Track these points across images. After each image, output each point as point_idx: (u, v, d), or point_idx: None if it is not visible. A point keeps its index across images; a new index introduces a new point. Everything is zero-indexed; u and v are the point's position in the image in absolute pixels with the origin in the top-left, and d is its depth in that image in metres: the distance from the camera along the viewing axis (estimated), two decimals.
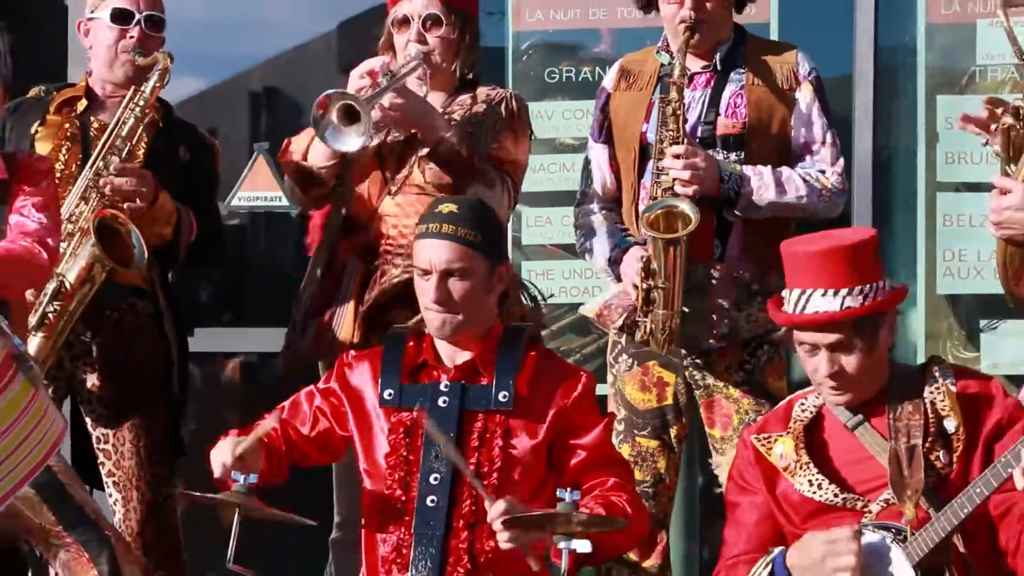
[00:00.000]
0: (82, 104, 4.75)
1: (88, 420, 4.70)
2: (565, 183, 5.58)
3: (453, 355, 3.81)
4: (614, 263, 4.41)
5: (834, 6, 5.57)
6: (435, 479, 3.68)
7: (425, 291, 3.76)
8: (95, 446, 4.69)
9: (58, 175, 4.55)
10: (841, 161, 4.41)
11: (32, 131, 4.71)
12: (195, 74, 4.71)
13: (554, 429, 3.75)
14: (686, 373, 4.35)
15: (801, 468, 3.59)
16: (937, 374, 3.64)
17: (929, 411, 3.57)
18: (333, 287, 4.49)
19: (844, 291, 3.55)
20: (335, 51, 6.51)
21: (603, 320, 4.41)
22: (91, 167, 4.57)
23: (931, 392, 3.60)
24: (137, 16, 4.66)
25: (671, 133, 4.21)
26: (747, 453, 3.71)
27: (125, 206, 4.49)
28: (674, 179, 4.17)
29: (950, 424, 3.55)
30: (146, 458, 4.61)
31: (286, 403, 3.93)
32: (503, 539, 3.43)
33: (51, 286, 4.47)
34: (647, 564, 4.37)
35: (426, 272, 3.75)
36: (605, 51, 6.05)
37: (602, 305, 4.40)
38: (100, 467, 4.69)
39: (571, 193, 5.37)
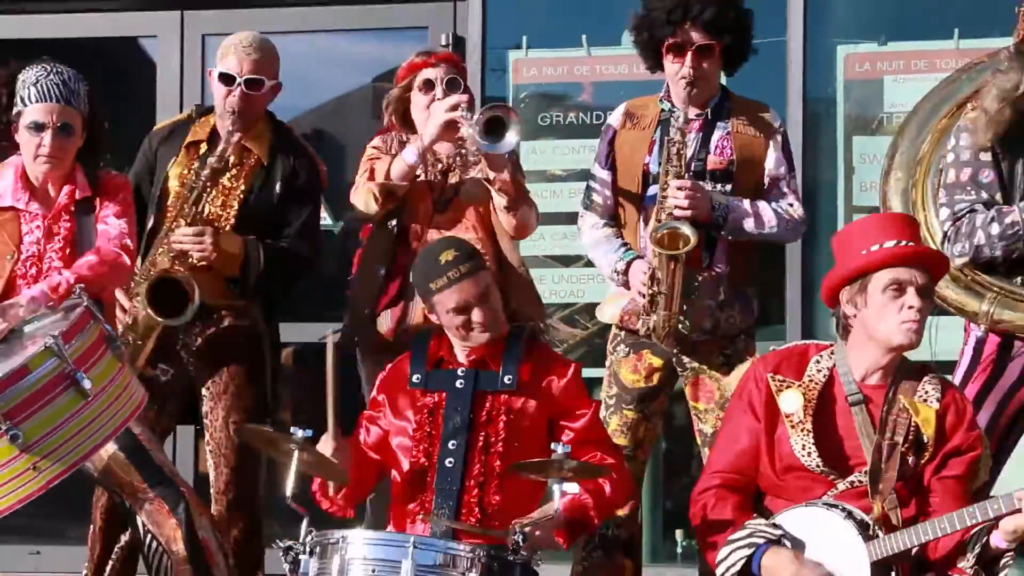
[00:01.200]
0: (204, 147, 4.53)
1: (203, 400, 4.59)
2: (556, 206, 5.49)
3: (466, 352, 3.73)
4: (621, 274, 4.28)
5: (771, 64, 5.48)
6: (452, 446, 3.61)
7: (470, 323, 3.68)
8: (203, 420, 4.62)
9: (168, 212, 4.45)
10: (800, 197, 4.37)
11: (170, 167, 4.53)
12: None
13: (549, 407, 3.70)
14: (674, 359, 4.25)
15: (802, 429, 3.42)
16: (929, 388, 3.45)
17: (915, 413, 3.40)
18: (400, 285, 4.33)
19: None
20: (370, 102, 6.34)
21: (626, 323, 4.27)
22: (167, 227, 4.42)
23: (921, 395, 3.42)
24: (240, 78, 4.47)
25: (675, 168, 4.14)
26: (761, 387, 3.52)
27: (193, 256, 4.32)
28: (675, 205, 4.10)
29: (925, 435, 3.38)
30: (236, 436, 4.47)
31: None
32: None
33: (128, 319, 4.33)
34: (620, 512, 4.15)
35: (464, 310, 3.67)
36: (587, 100, 6.01)
37: (623, 311, 4.25)
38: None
39: (561, 214, 5.36)
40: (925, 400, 3.42)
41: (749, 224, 4.22)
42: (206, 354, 4.53)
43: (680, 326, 4.16)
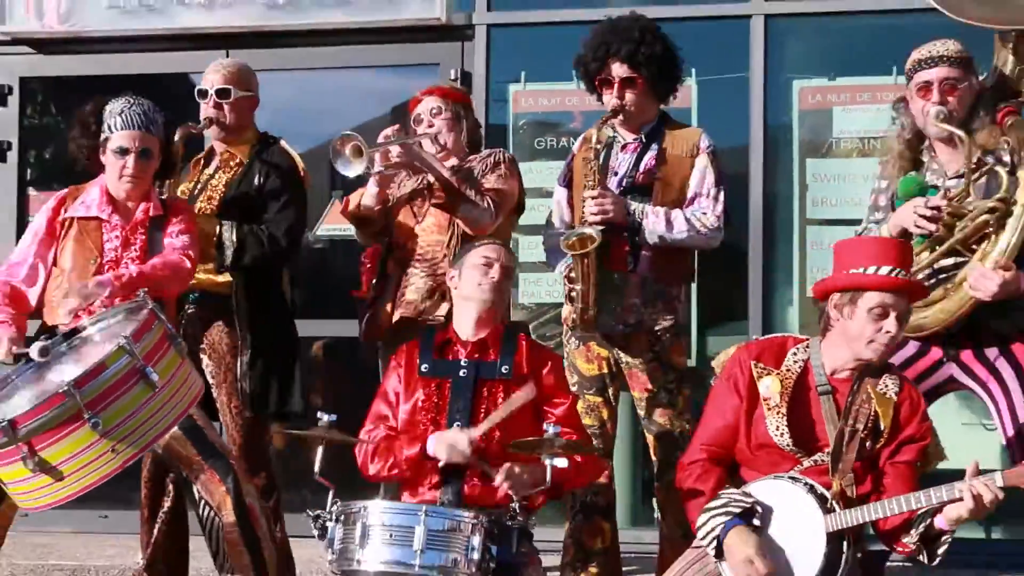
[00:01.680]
0: (202, 162, 4.71)
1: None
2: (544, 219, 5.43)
3: (469, 334, 3.79)
4: (565, 277, 4.36)
5: (735, 96, 5.52)
6: (458, 425, 3.64)
7: (487, 275, 3.79)
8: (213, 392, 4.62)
9: None
10: (719, 208, 4.30)
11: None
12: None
13: (539, 394, 3.71)
14: (612, 356, 4.31)
15: (777, 412, 3.42)
16: (889, 382, 3.45)
17: (875, 404, 3.41)
18: (381, 290, 4.47)
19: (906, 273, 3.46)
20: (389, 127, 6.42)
21: (565, 320, 4.38)
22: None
23: (880, 390, 3.42)
24: (211, 91, 4.61)
25: (589, 182, 4.21)
26: (745, 371, 3.51)
27: None
28: (589, 212, 4.17)
29: (882, 423, 3.39)
30: (237, 415, 4.54)
31: (381, 421, 3.83)
32: (506, 488, 3.49)
33: None
34: (600, 481, 4.25)
35: (488, 265, 3.79)
36: (577, 127, 5.95)
37: (568, 310, 4.32)
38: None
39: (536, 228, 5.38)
40: (885, 393, 3.42)
41: (661, 228, 4.20)
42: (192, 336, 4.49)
43: (601, 317, 4.16)
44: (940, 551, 3.32)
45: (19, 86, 6.47)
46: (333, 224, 6.21)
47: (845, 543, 3.30)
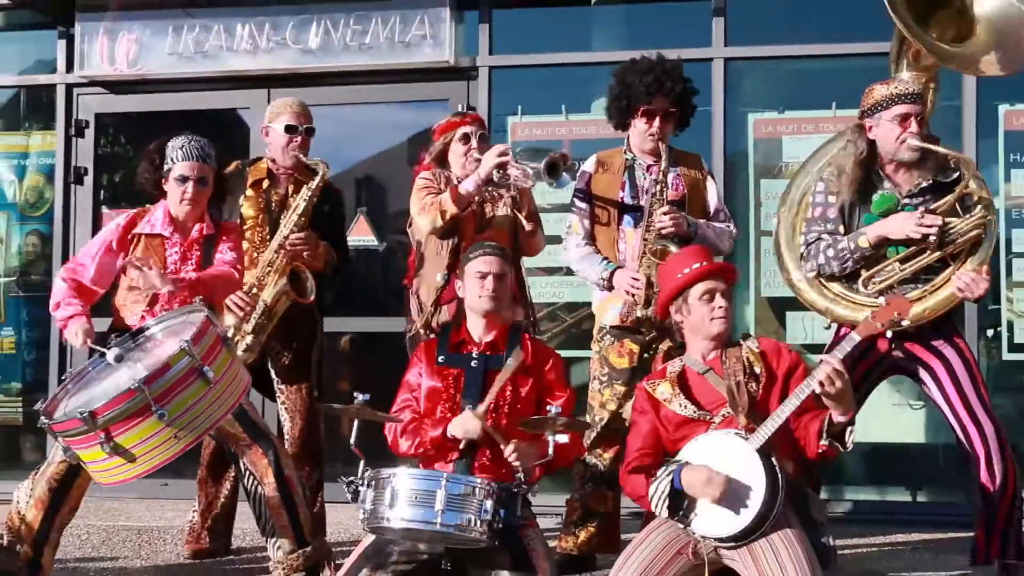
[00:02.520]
0: (266, 183, 4.65)
1: (273, 371, 4.69)
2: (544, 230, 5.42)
3: (480, 336, 3.76)
4: (606, 280, 4.27)
5: (699, 127, 5.32)
6: (468, 404, 3.63)
7: (484, 286, 3.74)
8: (276, 387, 4.69)
9: (251, 229, 4.59)
10: (731, 218, 4.44)
11: (240, 201, 4.63)
12: None
13: (539, 384, 3.74)
14: (647, 341, 4.23)
15: (675, 397, 3.50)
16: (748, 341, 3.58)
17: (744, 360, 3.49)
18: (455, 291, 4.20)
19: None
20: (405, 154, 6.37)
21: (626, 321, 4.21)
22: (281, 235, 4.53)
23: (745, 351, 3.52)
24: (301, 128, 4.63)
25: (659, 200, 4.20)
26: (642, 393, 3.61)
27: (305, 255, 4.50)
28: (663, 225, 4.15)
29: (756, 368, 3.48)
30: (307, 395, 4.62)
31: (405, 409, 3.78)
32: (513, 459, 3.49)
33: (260, 307, 4.49)
34: (607, 455, 4.29)
35: (483, 276, 3.74)
36: (568, 152, 5.92)
37: (621, 314, 4.21)
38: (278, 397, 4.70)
39: (548, 237, 5.37)
40: (749, 348, 3.52)
41: (711, 236, 4.25)
42: (280, 335, 4.59)
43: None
44: (848, 438, 3.32)
45: (94, 121, 6.49)
46: (358, 236, 6.15)
47: (773, 457, 3.31)
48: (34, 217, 6.54)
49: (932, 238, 3.86)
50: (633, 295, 4.19)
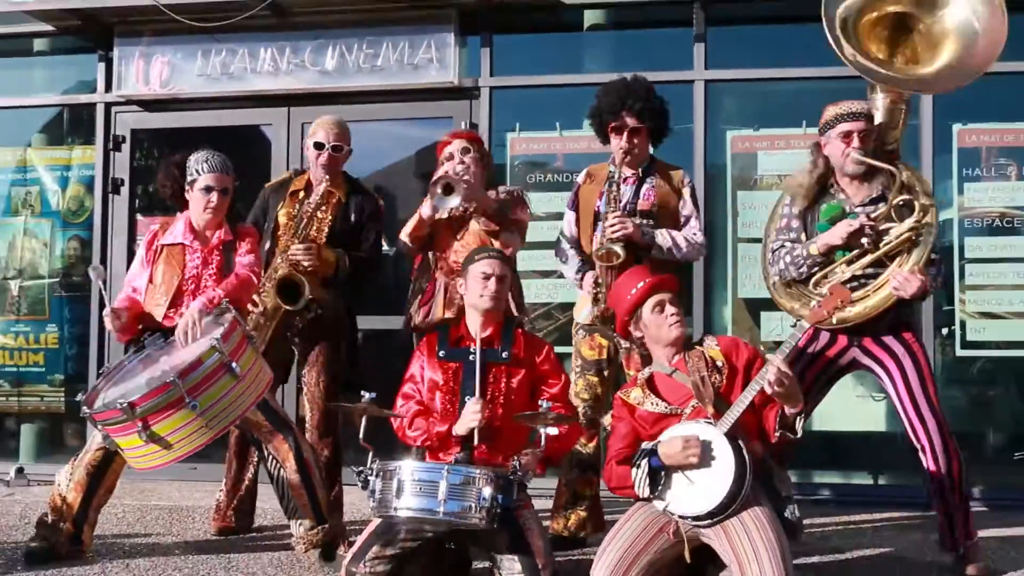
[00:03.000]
0: (302, 194, 4.59)
1: (297, 366, 4.68)
2: (538, 236, 5.34)
3: (478, 332, 3.75)
4: (579, 280, 4.32)
5: (684, 143, 5.41)
6: (469, 399, 3.63)
7: (486, 287, 3.75)
8: (300, 380, 4.66)
9: (280, 238, 4.53)
10: (702, 227, 4.39)
11: (279, 208, 4.60)
12: None
13: (532, 374, 3.75)
14: (616, 340, 4.23)
15: (646, 398, 3.53)
16: (707, 340, 3.60)
17: (706, 357, 3.51)
18: (431, 291, 4.35)
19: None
20: (413, 167, 6.42)
21: (594, 320, 4.25)
22: (284, 243, 4.48)
23: (706, 348, 3.55)
24: (328, 145, 4.55)
25: (611, 208, 4.19)
26: (618, 401, 3.63)
27: (303, 263, 4.40)
28: (611, 230, 4.13)
29: (718, 363, 3.50)
30: (324, 389, 4.57)
31: (409, 399, 3.79)
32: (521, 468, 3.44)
33: (260, 308, 4.45)
34: (590, 445, 4.31)
35: (486, 277, 3.75)
36: (559, 166, 5.99)
37: (592, 314, 4.24)
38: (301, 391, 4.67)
39: (542, 242, 5.29)
40: (708, 346, 3.55)
41: (667, 244, 4.21)
42: (305, 334, 4.58)
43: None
44: (798, 426, 3.37)
45: (130, 136, 6.49)
46: None
47: (740, 440, 3.32)
48: (75, 224, 6.56)
49: (866, 240, 3.89)
50: (590, 294, 4.22)
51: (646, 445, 3.44)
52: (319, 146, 4.56)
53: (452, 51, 5.97)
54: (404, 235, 4.38)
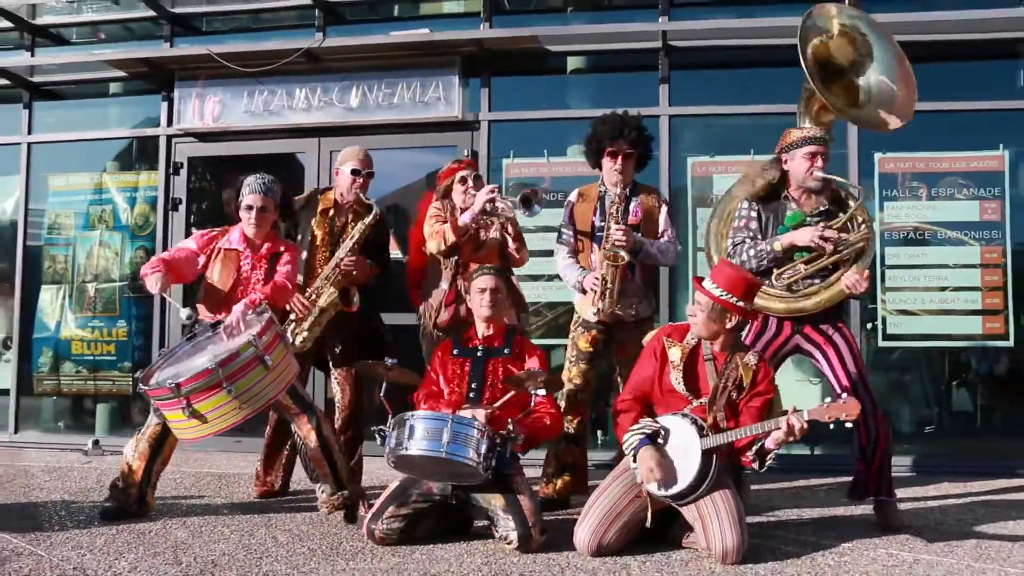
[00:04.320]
0: (331, 212, 4.48)
1: (329, 357, 4.52)
2: (530, 246, 5.22)
3: (483, 333, 3.81)
4: (580, 284, 4.21)
5: (650, 168, 5.22)
6: (474, 387, 3.69)
7: (483, 298, 3.78)
8: (331, 368, 4.51)
9: (319, 247, 4.44)
10: (678, 238, 4.35)
11: (312, 223, 4.48)
12: None
13: (523, 367, 3.74)
14: (612, 332, 4.19)
15: (677, 368, 3.45)
16: (751, 356, 3.46)
17: (741, 372, 3.41)
18: (455, 293, 4.24)
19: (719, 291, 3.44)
20: (423, 187, 6.15)
21: (598, 316, 4.16)
22: (338, 256, 4.38)
23: (746, 362, 3.43)
24: (363, 172, 4.48)
25: (615, 218, 4.14)
26: (660, 344, 3.49)
27: (353, 273, 4.37)
28: (616, 238, 4.09)
29: (744, 382, 3.41)
30: (350, 374, 4.45)
31: (431, 382, 3.79)
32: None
33: (316, 311, 4.32)
34: (575, 421, 4.21)
35: (482, 290, 3.78)
36: (548, 187, 5.88)
37: (594, 314, 4.15)
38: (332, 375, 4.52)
39: (534, 251, 5.17)
40: (748, 363, 3.44)
41: (654, 252, 4.19)
42: (335, 333, 4.45)
43: (617, 309, 4.12)
44: (768, 461, 3.36)
45: (187, 163, 6.44)
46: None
47: (714, 458, 3.32)
48: (141, 236, 6.51)
49: (830, 246, 3.88)
50: (594, 290, 4.16)
51: (646, 426, 3.37)
52: (356, 172, 4.48)
53: (456, 91, 5.95)
54: (436, 242, 4.20)
